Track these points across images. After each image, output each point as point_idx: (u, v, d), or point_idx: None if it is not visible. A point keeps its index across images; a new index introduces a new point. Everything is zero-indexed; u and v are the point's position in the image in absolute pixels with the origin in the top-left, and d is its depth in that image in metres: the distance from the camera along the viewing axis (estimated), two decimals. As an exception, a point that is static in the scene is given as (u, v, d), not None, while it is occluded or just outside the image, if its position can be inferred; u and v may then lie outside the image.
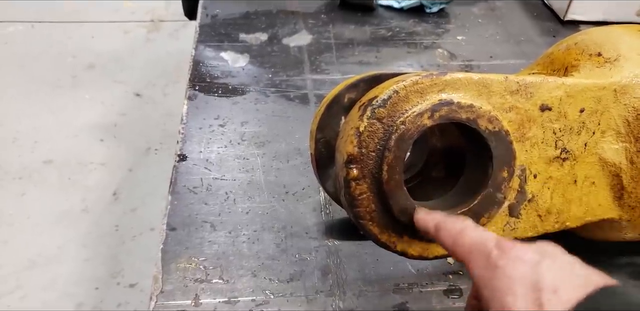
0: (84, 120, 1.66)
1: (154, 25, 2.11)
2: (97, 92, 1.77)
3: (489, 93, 0.40)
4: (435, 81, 0.39)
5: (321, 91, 0.73)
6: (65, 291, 1.24)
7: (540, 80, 0.41)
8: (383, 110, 0.39)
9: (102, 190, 1.46)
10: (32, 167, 1.52)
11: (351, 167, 0.39)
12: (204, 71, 0.75)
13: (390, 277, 0.50)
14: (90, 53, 1.93)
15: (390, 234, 0.40)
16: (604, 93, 0.42)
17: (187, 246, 0.52)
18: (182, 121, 0.67)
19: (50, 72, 1.83)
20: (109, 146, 1.59)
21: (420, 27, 0.89)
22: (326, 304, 0.48)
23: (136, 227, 1.36)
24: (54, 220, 1.38)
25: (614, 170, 0.43)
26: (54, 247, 1.32)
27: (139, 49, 1.98)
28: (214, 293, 0.48)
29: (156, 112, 1.70)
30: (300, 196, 0.58)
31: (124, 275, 1.26)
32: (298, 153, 0.63)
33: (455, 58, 0.83)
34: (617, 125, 0.43)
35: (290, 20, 0.87)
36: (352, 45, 0.83)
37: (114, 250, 1.32)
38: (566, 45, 0.49)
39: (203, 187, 0.58)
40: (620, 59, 0.44)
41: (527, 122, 0.41)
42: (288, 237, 0.53)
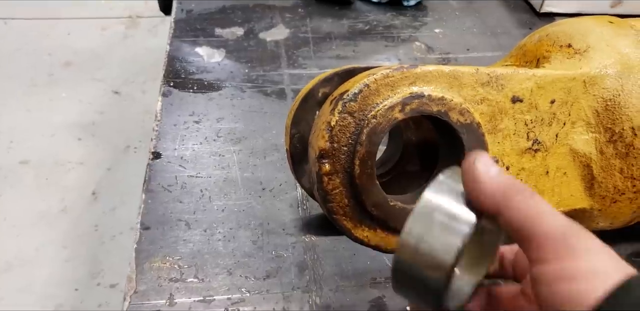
0: (61, 118, 1.64)
1: (132, 21, 2.08)
2: (74, 90, 1.74)
3: (460, 86, 0.40)
4: (406, 74, 0.39)
5: (298, 86, 0.73)
6: (45, 293, 1.22)
7: (511, 71, 0.41)
8: (354, 104, 0.38)
9: (81, 189, 1.44)
10: (8, 168, 1.49)
11: (323, 162, 0.39)
12: (178, 67, 0.74)
13: (367, 271, 0.50)
14: (67, 50, 1.90)
15: (364, 229, 0.40)
16: (574, 84, 0.42)
17: (161, 245, 0.51)
18: (157, 118, 0.66)
19: (26, 70, 1.80)
20: (87, 145, 1.57)
21: (397, 21, 0.88)
22: (303, 300, 0.47)
23: (116, 226, 1.35)
24: (32, 221, 1.36)
25: (585, 160, 0.43)
26: (32, 249, 1.30)
27: (116, 45, 1.95)
28: (189, 292, 0.47)
29: (135, 110, 1.68)
30: (277, 192, 0.57)
31: (104, 276, 1.25)
32: (275, 149, 0.63)
33: (432, 51, 0.82)
34: (587, 116, 0.43)
35: (266, 14, 0.86)
36: (330, 39, 0.83)
37: (93, 250, 1.30)
38: (538, 36, 0.49)
39: (178, 185, 0.57)
40: (589, 50, 0.44)
41: (499, 113, 0.41)
42: (264, 234, 0.53)
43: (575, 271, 0.25)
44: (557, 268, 0.25)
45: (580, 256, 0.25)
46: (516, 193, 0.27)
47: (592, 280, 0.24)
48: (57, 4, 2.08)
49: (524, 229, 0.26)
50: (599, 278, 0.24)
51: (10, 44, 1.91)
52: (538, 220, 0.26)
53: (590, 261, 0.25)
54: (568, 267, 0.25)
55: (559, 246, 0.25)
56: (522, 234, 0.27)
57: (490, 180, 0.28)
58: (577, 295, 0.24)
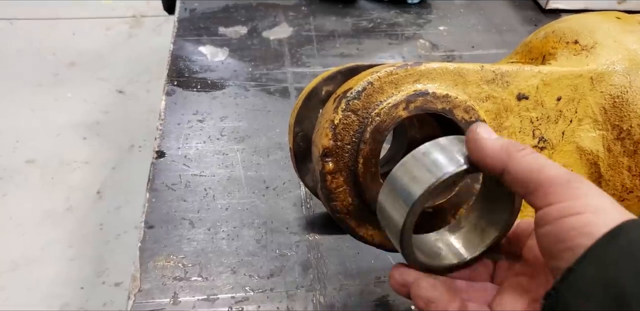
0: (66, 118, 1.64)
1: (136, 20, 2.08)
2: (79, 90, 1.74)
3: (465, 83, 0.40)
4: (410, 71, 0.39)
5: (302, 84, 0.72)
6: (50, 291, 1.23)
7: (517, 68, 0.41)
8: (358, 102, 0.38)
9: (86, 188, 1.44)
10: (14, 167, 1.50)
11: (327, 161, 0.38)
12: (182, 66, 0.74)
13: (371, 270, 0.50)
14: (71, 50, 1.90)
15: (368, 227, 0.40)
16: (581, 81, 0.42)
17: (165, 244, 0.51)
18: (160, 117, 0.65)
19: (31, 71, 1.80)
20: (92, 144, 1.57)
21: (401, 18, 0.88)
22: (307, 299, 0.47)
23: (120, 225, 1.35)
24: (38, 220, 1.36)
25: (592, 158, 0.43)
26: (37, 248, 1.30)
27: (121, 45, 1.95)
28: (193, 291, 0.47)
29: (139, 109, 1.68)
30: (281, 191, 0.57)
31: (109, 274, 1.25)
32: (278, 148, 0.62)
33: (437, 49, 0.82)
34: (594, 113, 0.42)
35: (270, 12, 0.86)
36: (333, 38, 0.82)
37: (98, 249, 1.31)
38: (544, 33, 0.49)
39: (182, 183, 0.57)
40: (596, 46, 0.44)
41: (504, 111, 0.41)
42: (268, 233, 0.53)
43: (581, 207, 0.26)
44: (564, 206, 0.26)
45: (584, 196, 0.26)
46: (518, 150, 0.29)
47: (597, 214, 0.25)
48: (62, 4, 2.09)
49: (529, 180, 0.28)
50: (604, 212, 0.25)
51: (15, 44, 1.92)
52: (542, 170, 0.28)
53: (593, 200, 0.26)
54: (573, 205, 0.26)
55: (563, 189, 0.27)
56: (528, 186, 0.28)
57: (493, 143, 0.30)
58: (585, 225, 0.25)
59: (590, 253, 0.25)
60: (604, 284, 0.24)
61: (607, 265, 0.24)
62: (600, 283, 0.24)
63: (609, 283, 0.24)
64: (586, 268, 0.25)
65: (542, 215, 0.27)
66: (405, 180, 0.32)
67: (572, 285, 0.25)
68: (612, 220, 0.25)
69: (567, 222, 0.26)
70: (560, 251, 0.26)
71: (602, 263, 0.24)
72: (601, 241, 0.25)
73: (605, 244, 0.25)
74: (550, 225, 0.27)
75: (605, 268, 0.24)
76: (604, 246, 0.25)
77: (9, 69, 1.81)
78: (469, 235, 0.37)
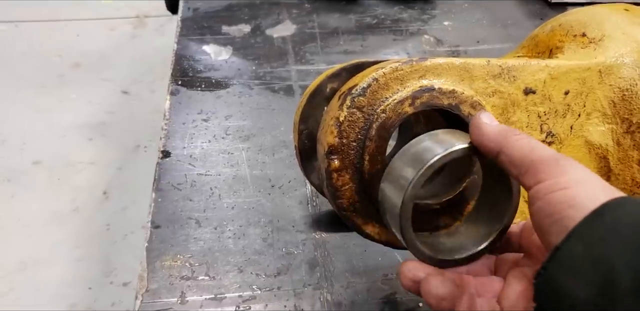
0: (72, 119, 1.64)
1: (139, 21, 2.08)
2: (84, 91, 1.75)
3: (471, 78, 0.39)
4: (416, 67, 0.38)
5: (306, 82, 0.72)
6: (58, 292, 1.23)
7: (523, 63, 0.40)
8: (363, 98, 0.38)
9: (92, 189, 1.45)
10: (21, 169, 1.50)
11: (332, 158, 0.38)
12: (186, 65, 0.74)
13: (378, 268, 0.49)
14: (75, 51, 1.90)
15: (375, 225, 0.40)
16: (589, 74, 0.41)
17: (172, 243, 0.51)
18: (165, 117, 0.65)
19: (36, 72, 1.81)
20: (98, 145, 1.58)
21: (405, 14, 0.87)
22: (314, 297, 0.47)
23: (127, 225, 1.35)
24: (45, 221, 1.37)
25: (601, 152, 0.42)
26: (45, 248, 1.31)
27: (125, 45, 1.96)
28: (200, 290, 0.47)
29: (144, 109, 1.68)
30: (287, 189, 0.57)
31: (117, 274, 1.26)
32: (284, 146, 0.62)
33: (441, 44, 0.81)
34: (603, 107, 0.42)
35: (273, 10, 0.86)
36: (337, 34, 0.82)
37: (105, 250, 1.31)
38: (550, 26, 0.48)
39: (187, 183, 0.57)
40: (605, 38, 0.43)
41: (511, 106, 0.40)
42: (274, 231, 0.53)
43: (567, 182, 0.27)
44: (551, 182, 0.27)
45: (571, 172, 0.27)
46: (513, 134, 0.31)
47: (583, 187, 0.26)
48: (65, 5, 2.09)
49: (522, 161, 0.29)
50: (590, 186, 0.27)
51: (19, 46, 1.92)
52: (533, 151, 0.29)
53: (579, 175, 0.27)
54: (562, 180, 0.27)
55: (551, 168, 0.28)
56: (521, 166, 0.29)
57: (493, 127, 0.32)
58: (572, 198, 0.26)
59: (576, 231, 0.25)
60: (592, 261, 0.24)
61: (594, 242, 0.24)
62: (588, 260, 0.24)
63: (597, 260, 0.24)
64: (573, 246, 0.25)
65: (533, 193, 0.28)
66: (407, 159, 0.34)
67: (560, 263, 0.25)
68: (598, 193, 0.26)
69: (555, 196, 0.27)
70: (550, 225, 0.27)
71: (589, 241, 0.25)
72: (587, 220, 0.25)
73: (590, 222, 0.25)
74: (540, 201, 0.27)
75: (592, 245, 0.24)
76: (590, 224, 0.25)
77: (14, 71, 1.81)
78: (472, 229, 0.37)
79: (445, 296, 0.31)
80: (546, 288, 0.26)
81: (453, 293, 0.32)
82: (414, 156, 0.34)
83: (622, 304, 0.23)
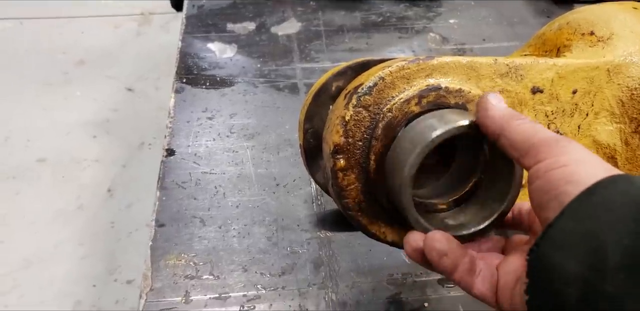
0: (76, 116, 1.65)
1: (144, 18, 2.08)
2: (88, 88, 1.75)
3: (478, 77, 0.39)
4: (422, 66, 0.38)
5: (311, 80, 0.72)
6: (63, 289, 1.23)
7: (531, 61, 0.40)
8: (369, 97, 0.37)
9: (97, 186, 1.45)
10: (26, 166, 1.50)
11: (338, 157, 0.38)
12: (191, 63, 0.74)
13: (383, 268, 0.49)
14: (80, 49, 1.90)
15: (380, 224, 0.39)
16: (597, 73, 0.41)
17: (176, 242, 0.51)
18: (170, 115, 0.65)
19: (41, 69, 1.81)
20: (102, 142, 1.58)
21: (411, 12, 0.87)
22: (319, 297, 0.47)
23: (132, 223, 1.36)
24: (49, 218, 1.37)
25: (609, 152, 0.42)
26: (50, 246, 1.31)
27: (129, 43, 1.96)
28: (205, 290, 0.47)
29: (149, 107, 1.68)
30: (291, 188, 0.57)
31: (121, 272, 1.26)
32: (288, 145, 0.62)
33: (447, 42, 0.81)
34: (611, 106, 0.41)
35: (278, 8, 0.86)
36: (343, 32, 0.82)
37: (110, 247, 1.31)
38: (558, 24, 0.48)
39: (192, 181, 0.57)
40: (613, 37, 0.43)
41: (519, 105, 0.40)
42: (279, 230, 0.52)
43: (567, 161, 0.27)
44: (551, 161, 0.28)
45: (571, 152, 0.28)
46: (517, 118, 0.31)
47: (583, 165, 0.27)
48: (70, 3, 2.09)
49: (523, 143, 0.30)
50: (589, 164, 0.27)
51: (24, 43, 1.93)
52: (535, 134, 0.30)
53: (579, 154, 0.27)
54: (562, 159, 0.27)
55: (552, 148, 0.28)
56: (522, 148, 0.30)
57: (498, 109, 0.32)
58: (570, 175, 0.26)
59: (568, 209, 0.26)
60: (582, 236, 0.25)
61: (585, 218, 0.25)
62: (578, 236, 0.25)
63: (587, 236, 0.25)
64: (564, 223, 0.25)
65: (533, 172, 0.29)
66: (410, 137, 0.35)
67: (551, 239, 0.26)
68: (597, 171, 0.26)
69: (554, 173, 0.27)
70: (548, 201, 0.27)
71: (580, 217, 0.25)
72: (579, 197, 0.25)
73: (582, 199, 0.25)
74: (539, 179, 0.28)
75: (583, 221, 0.25)
76: (581, 202, 0.25)
77: (19, 69, 1.81)
78: (475, 210, 0.38)
79: (447, 252, 0.32)
80: (539, 264, 0.26)
81: (456, 251, 0.32)
82: (416, 133, 0.35)
83: (612, 279, 0.23)
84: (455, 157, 0.42)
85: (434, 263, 0.32)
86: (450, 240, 0.33)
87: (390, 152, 0.36)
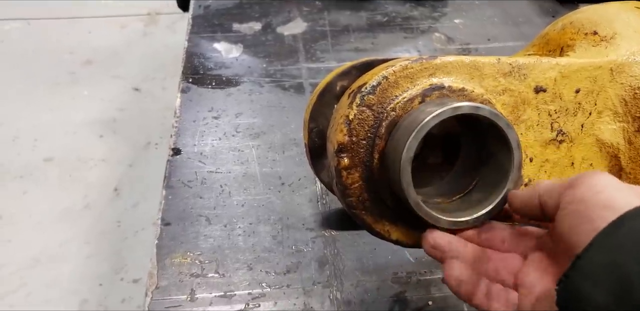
0: (83, 116, 1.66)
1: (150, 18, 2.09)
2: (95, 88, 1.76)
3: (481, 76, 0.39)
4: (425, 65, 0.38)
5: (316, 80, 0.72)
6: (69, 288, 1.24)
7: (534, 61, 0.40)
8: (372, 97, 0.38)
9: (103, 186, 1.46)
10: (33, 165, 1.52)
11: (342, 156, 0.38)
12: (197, 63, 0.74)
13: (388, 266, 0.49)
14: (87, 49, 1.91)
15: (385, 223, 0.40)
16: (600, 72, 0.41)
17: (182, 241, 0.51)
18: (176, 114, 0.66)
19: (48, 69, 1.82)
20: (109, 142, 1.59)
21: (416, 12, 0.87)
22: (324, 295, 0.47)
23: (138, 222, 1.36)
24: (56, 217, 1.38)
25: (612, 151, 0.42)
26: (56, 245, 1.32)
27: (136, 43, 1.97)
28: (210, 288, 0.47)
29: (155, 106, 1.69)
30: (296, 187, 0.57)
31: (127, 271, 1.27)
32: (294, 144, 0.62)
33: (452, 42, 0.81)
34: (614, 105, 0.42)
35: (284, 8, 0.86)
36: (348, 32, 0.82)
37: (116, 246, 1.32)
38: (561, 24, 0.48)
39: (198, 180, 0.58)
40: (616, 36, 0.43)
41: (522, 104, 0.40)
42: (284, 229, 0.53)
43: (602, 187, 0.28)
44: (585, 189, 0.29)
45: (604, 181, 0.29)
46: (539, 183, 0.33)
47: (619, 192, 0.28)
48: (77, 3, 2.10)
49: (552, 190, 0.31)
50: (624, 190, 0.28)
51: (32, 43, 1.94)
52: (560, 179, 0.31)
53: (612, 183, 0.28)
54: (595, 187, 0.28)
55: (583, 178, 0.29)
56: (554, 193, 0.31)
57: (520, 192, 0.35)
58: (608, 200, 0.27)
59: (596, 241, 0.26)
60: (609, 269, 0.25)
61: (612, 250, 0.26)
62: (606, 268, 0.26)
63: (614, 268, 0.25)
64: (592, 255, 0.26)
65: (566, 199, 0.29)
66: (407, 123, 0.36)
67: (580, 270, 0.26)
68: (631, 198, 0.27)
69: (589, 199, 0.28)
70: (581, 225, 0.28)
71: (608, 250, 0.26)
72: (606, 229, 0.26)
73: (610, 231, 0.26)
74: (573, 204, 0.29)
75: (611, 253, 0.26)
76: (610, 234, 0.26)
77: (26, 68, 1.83)
78: (479, 196, 0.38)
79: (465, 279, 0.34)
80: (567, 295, 0.27)
81: (472, 278, 0.34)
82: (412, 119, 0.36)
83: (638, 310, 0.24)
84: (459, 155, 0.42)
85: (452, 288, 0.34)
86: (466, 267, 0.34)
87: (389, 141, 0.37)
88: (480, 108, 0.35)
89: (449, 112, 0.34)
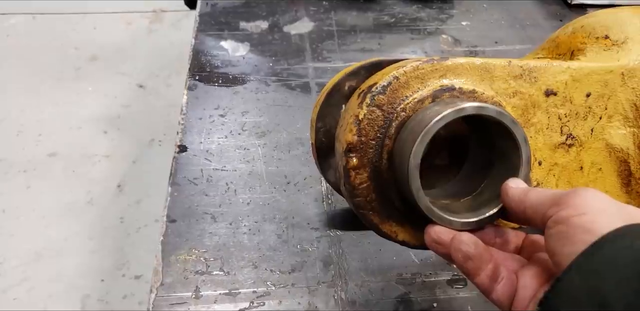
0: (88, 112, 1.66)
1: (156, 15, 2.09)
2: (100, 84, 1.76)
3: (492, 78, 0.39)
4: (437, 66, 0.38)
5: (323, 79, 0.72)
6: (71, 283, 1.24)
7: (545, 64, 0.40)
8: (383, 97, 0.38)
9: (107, 182, 1.46)
10: (37, 160, 1.52)
11: (351, 156, 0.38)
12: (204, 61, 0.74)
13: (393, 267, 0.49)
14: (92, 44, 1.92)
15: (392, 224, 0.40)
16: (611, 77, 0.41)
17: (187, 238, 0.51)
18: (182, 112, 0.66)
19: (53, 65, 1.83)
20: (113, 138, 1.59)
21: (423, 13, 0.87)
22: (328, 295, 0.47)
23: (141, 218, 1.37)
24: (59, 212, 1.38)
25: (622, 155, 0.42)
26: (59, 240, 1.32)
27: (141, 39, 1.97)
28: (215, 285, 0.47)
29: (159, 103, 1.69)
30: (302, 186, 0.57)
31: (129, 267, 1.27)
32: (299, 143, 0.62)
33: (459, 44, 0.81)
34: (625, 110, 0.41)
35: (291, 7, 0.86)
36: (355, 32, 0.82)
37: (119, 242, 1.32)
38: (572, 28, 0.48)
39: (203, 178, 0.58)
40: (628, 41, 0.43)
41: (532, 107, 0.40)
42: (289, 228, 0.53)
43: (587, 208, 0.28)
44: (571, 209, 0.29)
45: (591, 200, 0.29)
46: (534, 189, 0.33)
47: (601, 213, 0.28)
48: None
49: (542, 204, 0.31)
50: (607, 212, 0.28)
51: (38, 38, 1.94)
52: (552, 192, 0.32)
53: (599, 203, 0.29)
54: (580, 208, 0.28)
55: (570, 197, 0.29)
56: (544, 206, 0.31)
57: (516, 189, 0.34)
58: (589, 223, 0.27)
59: (575, 264, 0.27)
60: (588, 292, 0.26)
61: (591, 274, 0.26)
62: (584, 292, 0.26)
63: (592, 292, 0.26)
64: (571, 278, 0.27)
65: (554, 218, 0.29)
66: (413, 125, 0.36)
67: (560, 293, 0.27)
68: (614, 220, 0.27)
69: (573, 221, 0.28)
70: (563, 247, 0.28)
71: (587, 273, 0.26)
72: (586, 252, 0.27)
73: (589, 255, 0.26)
74: (559, 225, 0.29)
75: (589, 277, 0.26)
76: (589, 257, 0.26)
77: (32, 63, 1.83)
78: (487, 196, 0.38)
79: (473, 256, 0.33)
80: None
81: (482, 256, 0.33)
82: (418, 121, 0.36)
83: None
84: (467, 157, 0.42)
85: (457, 264, 0.34)
86: (478, 244, 0.33)
87: (397, 142, 0.37)
88: (484, 108, 0.35)
89: (453, 114, 0.34)
